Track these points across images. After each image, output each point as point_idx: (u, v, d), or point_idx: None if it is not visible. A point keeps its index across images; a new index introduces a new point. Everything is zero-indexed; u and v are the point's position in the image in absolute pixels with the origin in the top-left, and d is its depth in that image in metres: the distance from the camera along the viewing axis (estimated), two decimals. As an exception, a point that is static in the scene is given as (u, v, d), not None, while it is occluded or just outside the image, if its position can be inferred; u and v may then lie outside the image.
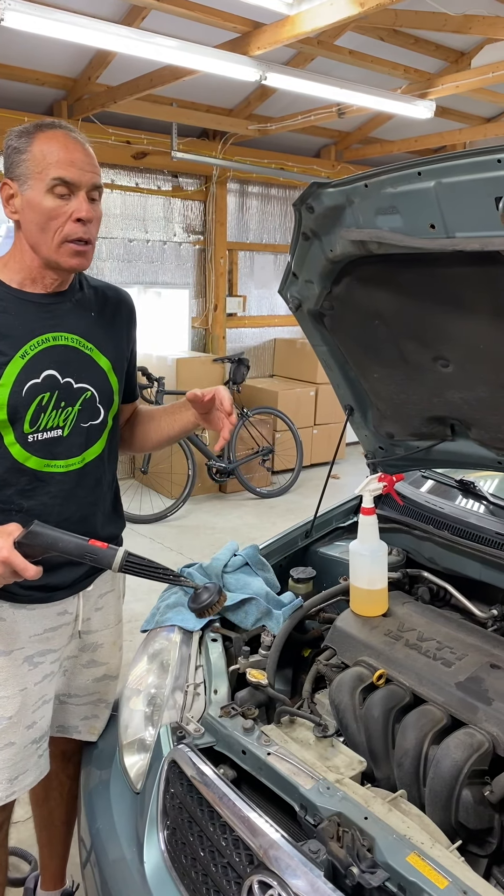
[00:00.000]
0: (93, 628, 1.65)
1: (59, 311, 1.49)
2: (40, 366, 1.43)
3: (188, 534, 5.11)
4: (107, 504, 1.62)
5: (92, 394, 1.52)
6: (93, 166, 1.40)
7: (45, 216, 1.37)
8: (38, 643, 1.53)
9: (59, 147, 1.36)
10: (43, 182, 1.36)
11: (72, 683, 1.67)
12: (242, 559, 1.87)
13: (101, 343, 1.54)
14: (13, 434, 1.42)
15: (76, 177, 1.36)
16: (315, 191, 1.41)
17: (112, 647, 1.71)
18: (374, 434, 1.99)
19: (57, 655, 1.58)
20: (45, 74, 4.96)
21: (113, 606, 1.70)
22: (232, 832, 1.16)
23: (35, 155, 1.36)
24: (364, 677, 1.48)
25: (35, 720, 1.54)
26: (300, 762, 1.27)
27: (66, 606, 1.57)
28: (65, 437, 1.49)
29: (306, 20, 3.40)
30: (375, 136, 6.94)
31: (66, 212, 1.37)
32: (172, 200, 6.31)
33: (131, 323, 1.67)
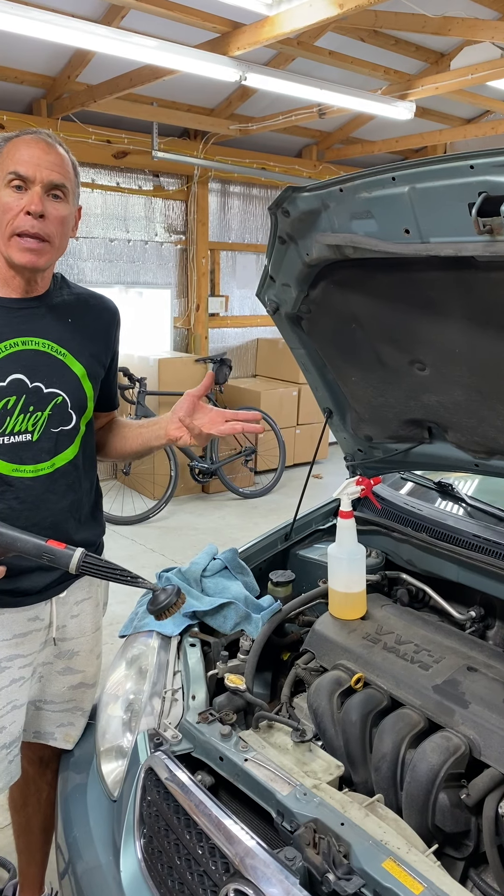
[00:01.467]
0: (68, 636, 1.64)
1: (31, 315, 1.48)
2: (6, 370, 1.43)
3: (170, 535, 5.10)
4: (83, 510, 1.60)
5: (63, 399, 1.51)
6: (53, 164, 1.41)
7: (1, 210, 1.39)
8: (5, 648, 1.51)
9: (23, 146, 1.41)
10: (2, 178, 1.40)
11: (47, 690, 1.66)
12: (221, 563, 1.87)
13: (76, 349, 1.53)
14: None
15: (30, 171, 1.38)
16: (290, 195, 1.41)
17: (89, 654, 1.70)
18: (352, 437, 1.99)
19: (28, 661, 1.56)
20: (23, 73, 4.92)
21: (90, 614, 1.68)
22: (208, 840, 1.15)
23: (3, 155, 1.42)
24: (342, 681, 1.48)
25: (4, 725, 1.52)
26: (277, 768, 1.27)
27: (38, 612, 1.55)
28: (34, 442, 1.48)
29: (285, 21, 3.40)
30: (357, 136, 6.96)
31: (19, 205, 1.39)
32: (154, 200, 6.29)
33: (112, 332, 1.65)
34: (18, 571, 1.47)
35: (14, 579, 1.47)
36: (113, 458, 1.78)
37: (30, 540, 1.32)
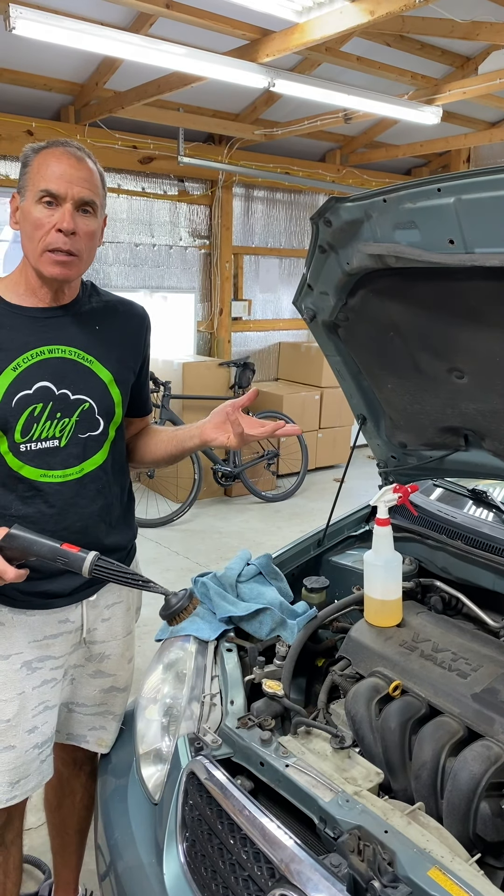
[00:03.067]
0: (98, 639, 1.65)
1: (57, 324, 1.51)
2: (33, 378, 1.46)
3: (194, 538, 5.12)
4: (114, 514, 1.62)
5: (90, 405, 1.53)
6: (84, 181, 1.43)
7: (32, 225, 1.42)
8: (36, 649, 1.53)
9: (54, 160, 1.42)
10: (34, 193, 1.42)
11: (78, 692, 1.67)
12: (256, 568, 1.88)
13: (102, 355, 1.55)
14: (6, 443, 1.45)
15: (62, 189, 1.40)
16: (333, 205, 1.42)
17: (120, 659, 1.70)
18: (386, 443, 1.99)
19: (59, 663, 1.58)
20: (52, 80, 4.98)
21: (121, 618, 1.69)
22: (252, 845, 1.16)
23: (33, 168, 1.43)
24: (380, 688, 1.48)
25: (36, 725, 1.55)
26: (319, 774, 1.27)
27: (68, 615, 1.57)
28: (62, 448, 1.50)
29: (315, 28, 3.41)
30: (381, 140, 6.95)
31: (50, 222, 1.41)
32: (178, 205, 6.33)
33: (141, 337, 1.67)
34: (48, 574, 1.50)
35: (43, 581, 1.50)
36: (146, 464, 1.79)
37: (45, 543, 1.34)
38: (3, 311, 1.47)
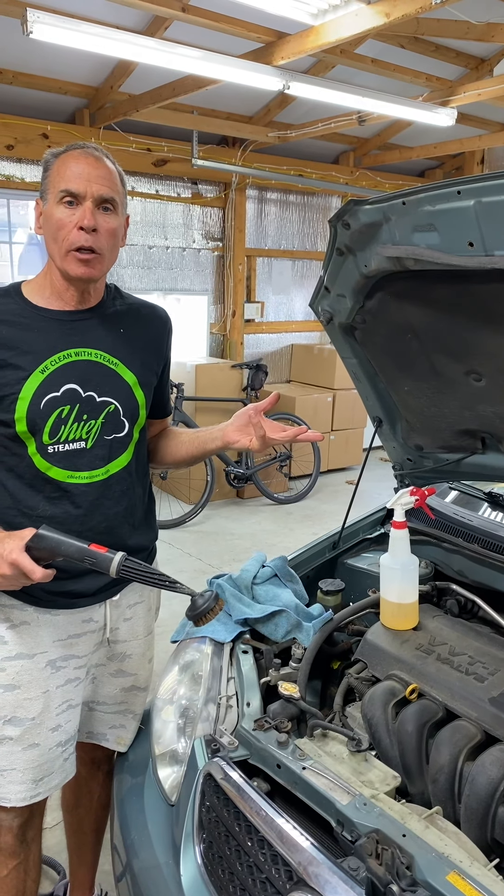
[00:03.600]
0: (121, 638, 1.67)
1: (83, 327, 1.53)
2: (60, 380, 1.47)
3: (207, 539, 5.13)
4: (137, 515, 1.63)
5: (115, 407, 1.54)
6: (102, 179, 1.44)
7: (55, 226, 1.44)
8: (61, 648, 1.55)
9: (72, 162, 1.44)
10: (54, 195, 1.44)
11: (99, 691, 1.69)
12: (271, 570, 1.88)
13: (127, 358, 1.57)
14: (35, 445, 1.47)
15: (81, 187, 1.42)
16: (352, 208, 1.42)
17: (141, 658, 1.72)
18: (402, 446, 1.99)
19: (82, 662, 1.59)
20: (68, 83, 5.01)
21: (143, 618, 1.71)
22: (270, 847, 1.16)
23: (53, 171, 1.46)
24: (396, 691, 1.48)
25: (60, 723, 1.56)
26: (336, 777, 1.27)
27: (92, 614, 1.59)
28: (88, 449, 1.52)
29: (331, 30, 3.42)
30: (394, 142, 6.94)
31: (72, 221, 1.43)
32: (192, 207, 6.35)
33: (163, 339, 1.69)
34: (74, 574, 1.51)
35: (68, 582, 1.51)
36: (166, 465, 1.81)
37: (73, 543, 1.35)
38: (31, 315, 1.49)
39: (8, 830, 1.53)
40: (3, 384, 1.44)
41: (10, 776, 1.51)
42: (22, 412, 1.44)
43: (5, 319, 1.46)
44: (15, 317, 1.47)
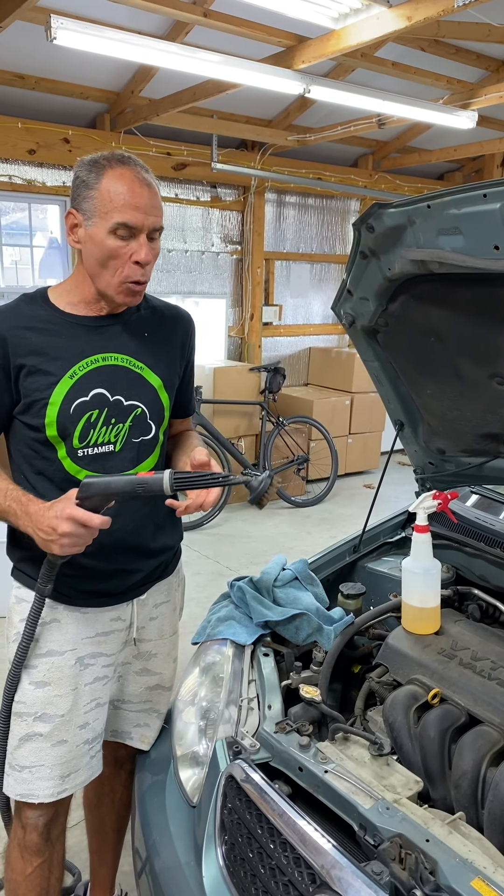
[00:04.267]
0: (147, 637, 1.68)
1: (109, 332, 1.54)
2: (89, 385, 1.49)
3: (224, 542, 5.14)
4: (161, 516, 1.64)
5: (143, 410, 1.56)
6: (156, 209, 1.43)
7: (106, 255, 1.43)
8: (89, 646, 1.57)
9: (125, 189, 1.40)
10: (107, 223, 1.40)
11: (125, 690, 1.71)
12: (292, 573, 1.88)
13: (152, 362, 1.59)
14: (65, 449, 1.49)
15: (139, 221, 1.41)
16: (376, 211, 1.42)
17: (166, 658, 1.74)
18: (424, 449, 1.98)
19: (110, 660, 1.61)
20: (89, 89, 5.05)
21: (168, 618, 1.73)
22: (293, 850, 1.16)
23: (102, 193, 1.40)
24: (418, 696, 1.47)
25: (88, 721, 1.58)
26: (358, 780, 1.27)
27: (120, 613, 1.61)
28: (117, 452, 1.54)
29: (352, 34, 3.42)
30: (414, 145, 6.92)
31: (126, 253, 1.43)
32: (211, 211, 6.37)
33: (186, 341, 1.70)
34: (104, 575, 1.54)
35: (98, 581, 1.54)
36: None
37: (121, 479, 1.36)
38: (58, 321, 1.51)
39: (33, 829, 1.54)
40: (34, 389, 1.46)
41: (38, 772, 1.52)
42: (52, 417, 1.45)
43: (33, 326, 1.48)
44: (43, 323, 1.49)
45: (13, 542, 1.60)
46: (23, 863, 1.55)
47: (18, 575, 1.59)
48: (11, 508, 1.40)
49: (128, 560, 1.59)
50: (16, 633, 1.55)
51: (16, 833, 1.57)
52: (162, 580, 1.69)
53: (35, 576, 1.52)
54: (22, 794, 1.53)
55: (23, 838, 1.55)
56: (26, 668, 1.53)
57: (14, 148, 5.05)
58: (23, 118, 5.05)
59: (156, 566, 1.66)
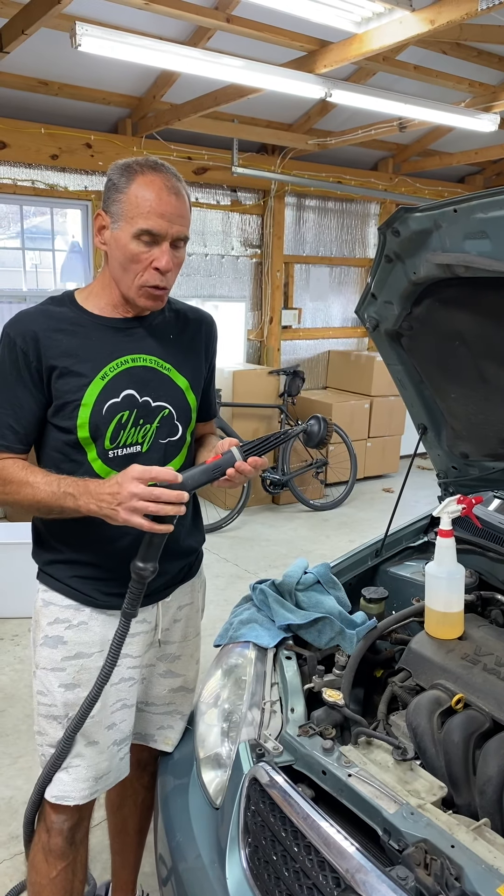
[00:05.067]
0: (171, 639, 1.69)
1: (137, 334, 1.56)
2: (119, 386, 1.50)
3: (243, 545, 5.14)
4: (188, 518, 1.66)
5: (170, 411, 1.57)
6: (181, 218, 1.44)
7: (128, 259, 1.44)
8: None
9: (153, 195, 1.40)
10: (131, 228, 1.41)
11: (149, 692, 1.71)
12: (314, 577, 1.88)
13: (179, 363, 1.60)
14: (95, 450, 1.50)
15: (162, 229, 1.41)
16: (402, 215, 1.42)
17: (189, 659, 1.75)
18: (447, 454, 1.98)
19: (135, 662, 1.62)
20: (111, 94, 5.09)
21: (192, 619, 1.74)
22: (317, 853, 1.16)
23: (130, 198, 1.41)
24: (442, 701, 1.47)
25: (115, 722, 1.59)
26: (381, 785, 1.27)
27: (145, 615, 1.61)
28: (144, 453, 1.54)
29: (374, 38, 3.42)
30: (434, 148, 6.90)
31: (148, 259, 1.43)
32: (231, 215, 6.39)
33: (210, 343, 1.72)
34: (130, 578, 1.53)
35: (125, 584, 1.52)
36: None
37: (194, 471, 1.39)
38: (87, 323, 1.52)
39: (58, 833, 1.55)
40: (66, 391, 1.47)
41: (75, 773, 1.53)
42: (84, 418, 1.46)
43: (63, 328, 1.49)
44: (72, 325, 1.50)
45: (40, 544, 1.61)
46: (47, 866, 1.56)
47: (45, 578, 1.60)
48: (68, 493, 1.39)
49: None
50: (43, 637, 1.57)
51: (40, 836, 1.58)
52: (186, 582, 1.70)
53: (62, 578, 1.53)
54: (57, 796, 1.53)
55: (47, 842, 1.56)
56: (55, 671, 1.54)
57: (37, 153, 5.10)
58: (46, 124, 5.11)
59: (181, 568, 1.67)
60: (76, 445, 1.49)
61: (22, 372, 1.47)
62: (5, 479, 1.48)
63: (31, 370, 1.47)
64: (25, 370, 1.47)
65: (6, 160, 5.06)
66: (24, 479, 1.45)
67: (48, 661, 1.56)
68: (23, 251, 5.44)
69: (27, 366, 1.46)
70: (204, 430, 1.81)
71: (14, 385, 1.48)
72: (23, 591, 3.86)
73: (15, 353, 1.46)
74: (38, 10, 3.11)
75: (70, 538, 1.54)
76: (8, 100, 4.89)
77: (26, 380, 1.47)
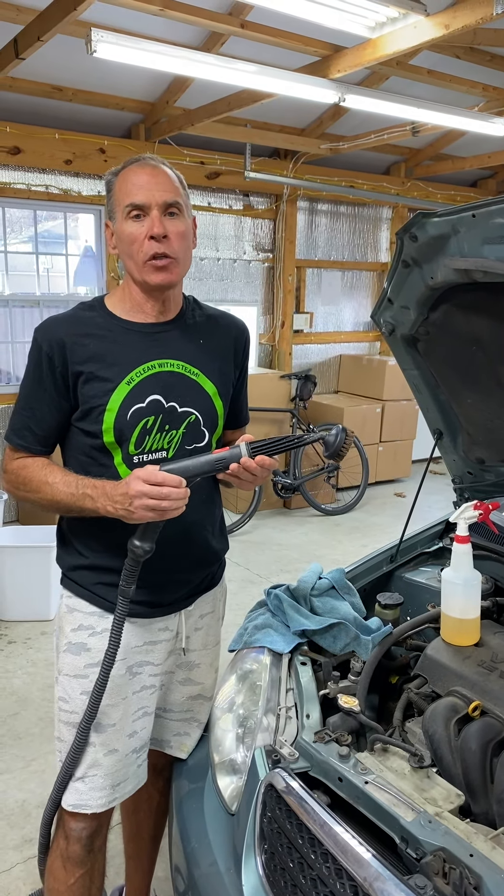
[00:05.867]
0: (191, 647, 1.69)
1: (165, 338, 1.55)
2: (145, 391, 1.50)
3: (254, 549, 5.13)
4: (215, 524, 1.66)
5: (196, 417, 1.56)
6: (163, 185, 1.47)
7: (128, 241, 1.47)
8: (137, 654, 1.58)
9: (132, 176, 1.47)
10: (122, 211, 1.47)
11: (167, 699, 1.71)
12: (329, 582, 1.87)
13: (207, 369, 1.59)
14: (120, 455, 1.50)
15: (144, 198, 1.45)
16: (420, 220, 1.42)
17: (209, 668, 1.74)
18: (463, 459, 1.97)
19: (157, 670, 1.62)
20: (125, 100, 5.12)
21: (213, 628, 1.74)
22: (334, 861, 1.16)
23: (116, 190, 1.49)
24: (458, 708, 1.46)
25: (136, 730, 1.59)
26: (398, 792, 1.26)
27: (167, 623, 1.61)
28: (169, 459, 1.53)
29: (389, 43, 3.42)
30: (446, 152, 6.89)
31: (143, 233, 1.46)
32: (243, 219, 6.40)
33: (240, 349, 1.70)
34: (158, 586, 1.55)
35: (150, 593, 1.55)
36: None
37: (198, 459, 1.39)
38: (115, 327, 1.53)
39: (77, 840, 1.55)
40: (91, 396, 1.47)
41: (91, 782, 1.53)
42: (109, 423, 1.47)
43: (91, 333, 1.50)
44: (100, 330, 1.51)
45: (64, 548, 1.61)
46: (65, 873, 1.55)
47: (69, 584, 1.60)
48: (86, 494, 1.41)
49: (182, 569, 1.60)
50: (66, 643, 1.57)
51: (58, 843, 1.57)
52: (209, 591, 1.70)
53: (86, 584, 1.53)
54: (74, 804, 1.53)
55: (66, 849, 1.55)
56: (77, 678, 1.54)
57: (51, 158, 5.14)
58: (60, 129, 5.14)
59: (204, 576, 1.66)
60: (102, 450, 1.49)
61: (45, 376, 1.49)
62: (25, 479, 1.50)
63: (55, 375, 1.48)
64: (49, 375, 1.48)
65: (21, 165, 5.10)
66: (43, 479, 1.47)
67: (71, 667, 1.56)
68: (36, 255, 5.47)
69: (52, 371, 1.48)
70: (234, 438, 1.80)
71: (37, 389, 1.50)
72: (35, 594, 3.89)
73: (41, 358, 1.48)
74: (55, 16, 3.13)
75: (94, 543, 1.54)
76: (23, 106, 4.92)
77: (49, 384, 1.49)
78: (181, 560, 1.59)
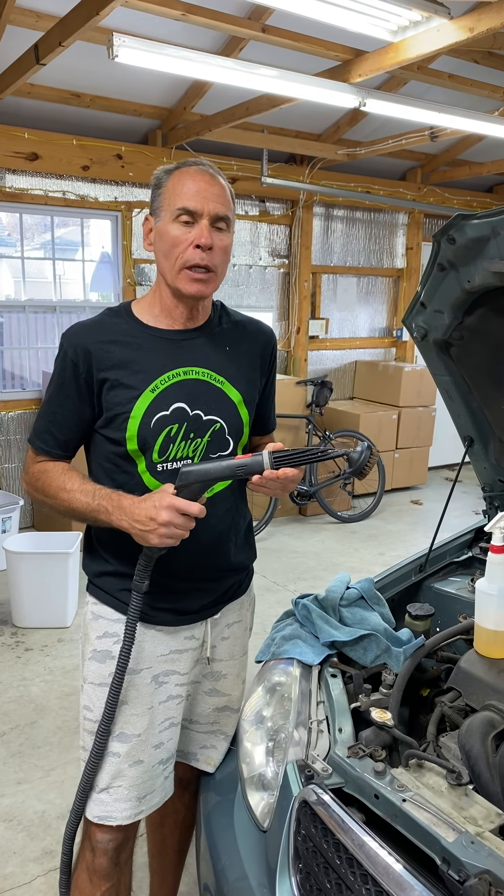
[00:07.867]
0: (218, 657, 1.66)
1: (191, 346, 1.53)
2: (170, 399, 1.48)
3: (270, 556, 5.10)
4: (240, 534, 1.63)
5: (221, 426, 1.54)
6: (218, 197, 1.45)
7: (170, 243, 1.44)
8: (163, 663, 1.55)
9: (188, 179, 1.44)
10: (170, 212, 1.44)
11: (194, 710, 1.68)
12: (357, 592, 1.84)
13: (233, 377, 1.57)
14: (144, 463, 1.48)
15: (198, 205, 1.42)
16: (459, 222, 1.39)
17: (235, 679, 1.71)
18: (494, 467, 1.93)
19: (183, 679, 1.59)
20: (142, 105, 5.12)
21: (240, 638, 1.71)
22: (375, 883, 1.12)
23: (168, 189, 1.46)
24: (496, 723, 1.42)
25: (162, 741, 1.56)
26: (438, 811, 1.22)
27: (194, 632, 1.59)
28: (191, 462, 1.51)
29: (411, 47, 3.39)
30: (464, 158, 6.85)
31: (188, 239, 1.43)
32: (259, 225, 6.39)
33: (267, 356, 1.68)
34: (180, 594, 1.53)
35: (176, 601, 1.52)
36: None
37: (220, 464, 1.36)
38: (141, 334, 1.51)
39: (103, 853, 1.52)
40: (116, 403, 1.45)
41: (116, 793, 1.50)
42: (133, 430, 1.45)
43: (117, 339, 1.48)
44: (126, 336, 1.49)
45: (90, 554, 1.59)
46: (91, 886, 1.52)
47: (95, 591, 1.58)
48: (102, 506, 1.40)
49: (205, 578, 1.57)
50: (92, 651, 1.54)
51: (84, 856, 1.54)
52: (235, 599, 1.67)
53: (112, 591, 1.51)
54: (100, 816, 1.50)
55: (91, 862, 1.52)
56: (103, 686, 1.51)
57: (69, 164, 5.14)
58: (77, 135, 5.15)
59: (230, 585, 1.64)
60: (126, 457, 1.48)
61: (69, 382, 1.47)
62: (45, 483, 1.50)
63: (79, 382, 1.47)
64: (73, 381, 1.47)
65: (38, 171, 5.10)
66: (61, 485, 1.47)
67: (96, 675, 1.53)
68: (53, 261, 5.48)
69: (76, 377, 1.47)
70: (261, 443, 1.78)
71: (60, 393, 1.49)
72: (52, 600, 3.86)
73: (66, 363, 1.48)
74: (76, 22, 3.13)
75: (119, 550, 1.52)
76: (41, 112, 4.94)
77: (72, 390, 1.48)
78: (205, 569, 1.57)
